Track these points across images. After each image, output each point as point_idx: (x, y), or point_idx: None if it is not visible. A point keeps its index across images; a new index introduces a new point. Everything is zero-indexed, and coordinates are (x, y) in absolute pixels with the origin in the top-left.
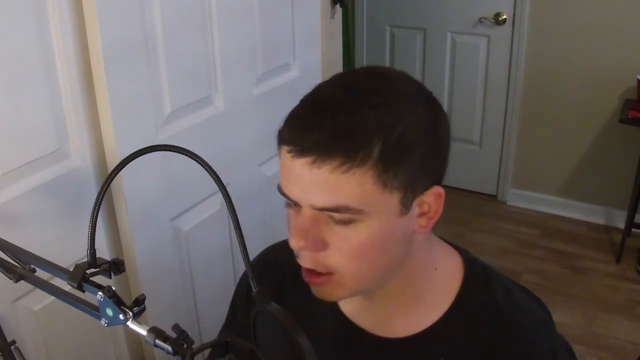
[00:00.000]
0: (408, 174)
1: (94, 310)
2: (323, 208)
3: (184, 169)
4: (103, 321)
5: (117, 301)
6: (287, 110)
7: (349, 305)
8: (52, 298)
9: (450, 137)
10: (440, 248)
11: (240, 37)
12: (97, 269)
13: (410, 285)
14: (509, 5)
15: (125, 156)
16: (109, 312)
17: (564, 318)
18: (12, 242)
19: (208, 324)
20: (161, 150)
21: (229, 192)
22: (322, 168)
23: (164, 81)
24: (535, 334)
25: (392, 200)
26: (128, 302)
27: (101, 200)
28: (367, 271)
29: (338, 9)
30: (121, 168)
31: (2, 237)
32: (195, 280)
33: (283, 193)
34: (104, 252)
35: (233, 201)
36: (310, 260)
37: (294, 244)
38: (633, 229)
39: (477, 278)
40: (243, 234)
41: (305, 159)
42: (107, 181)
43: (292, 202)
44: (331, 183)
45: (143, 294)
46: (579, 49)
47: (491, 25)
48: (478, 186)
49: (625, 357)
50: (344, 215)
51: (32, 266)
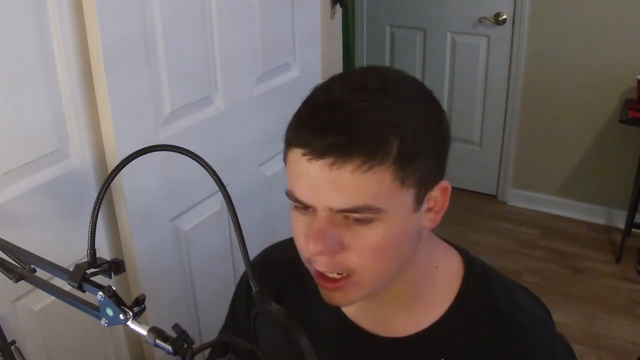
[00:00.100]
0: (422, 170)
1: (94, 310)
2: (343, 209)
3: (184, 169)
4: (103, 321)
5: (117, 301)
6: (287, 110)
7: None
8: (52, 298)
9: (450, 134)
10: (440, 248)
11: (240, 37)
12: (97, 269)
13: (412, 284)
14: (509, 5)
15: (125, 156)
16: (109, 312)
17: (564, 318)
18: (12, 242)
19: (208, 324)
20: (161, 150)
21: (229, 192)
22: (342, 169)
23: (164, 81)
24: (535, 334)
25: (408, 197)
26: (128, 302)
27: (101, 200)
28: (384, 270)
29: (338, 9)
30: (121, 168)
31: (2, 237)
32: (195, 280)
33: (295, 198)
34: (104, 252)
35: (233, 201)
36: (326, 263)
37: (312, 249)
38: (633, 229)
39: (477, 278)
40: (243, 234)
41: (324, 161)
42: (107, 181)
43: (305, 206)
44: (352, 183)
45: (143, 294)
46: (579, 49)
47: (491, 25)
48: (478, 186)
49: (625, 357)
50: (364, 215)
51: (32, 266)
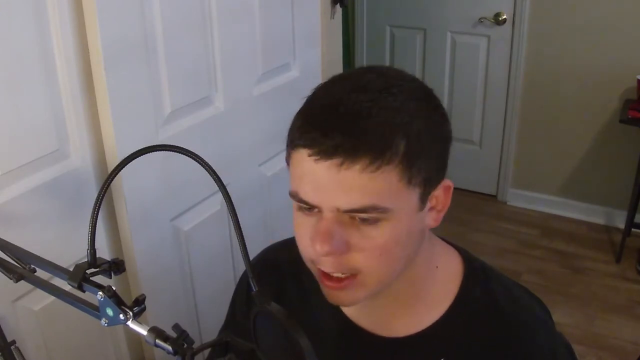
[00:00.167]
0: (427, 169)
1: (94, 310)
2: (351, 210)
3: (184, 169)
4: (103, 321)
5: (118, 301)
6: (288, 110)
7: None
8: (52, 298)
9: (451, 132)
10: (440, 248)
11: (240, 37)
12: (97, 269)
13: (412, 284)
14: (509, 5)
15: (125, 156)
16: (109, 312)
17: (564, 318)
18: (12, 242)
19: (208, 324)
20: (161, 150)
21: (229, 192)
22: (351, 169)
23: (164, 81)
24: (535, 334)
25: (413, 196)
26: (128, 302)
27: (101, 200)
28: (389, 269)
29: (338, 9)
30: (121, 168)
31: (2, 237)
32: (195, 280)
33: (300, 198)
34: (104, 252)
35: (233, 201)
36: (332, 264)
37: (319, 250)
38: (633, 229)
39: (477, 277)
40: (243, 234)
41: (332, 161)
42: (107, 181)
43: (311, 207)
44: (360, 183)
45: (143, 294)
46: (579, 49)
47: (491, 25)
48: (478, 186)
49: (625, 357)
50: (371, 215)
51: (32, 266)
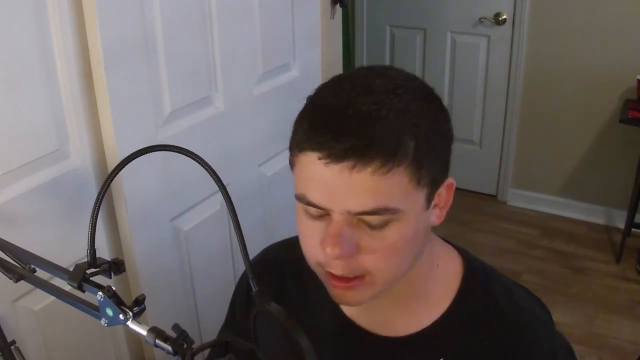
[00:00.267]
0: (434, 169)
1: (94, 310)
2: (362, 212)
3: (184, 169)
4: (103, 321)
5: (117, 301)
6: (287, 110)
7: None
8: (52, 298)
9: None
10: (440, 247)
11: (240, 37)
12: (97, 269)
13: (413, 284)
14: (509, 5)
15: (125, 156)
16: (109, 312)
17: (564, 318)
18: (12, 242)
19: (208, 324)
20: (161, 150)
21: (229, 192)
22: (363, 172)
23: (164, 81)
24: (535, 334)
25: (421, 196)
26: (128, 302)
27: (101, 200)
28: (397, 268)
29: (338, 9)
30: (121, 168)
31: (2, 237)
32: (195, 280)
33: (308, 202)
34: (104, 252)
35: (233, 201)
36: (343, 267)
37: (330, 253)
38: (633, 229)
39: (477, 277)
40: (243, 234)
41: (344, 165)
42: (107, 181)
43: (319, 210)
44: (372, 185)
45: (143, 294)
46: (579, 49)
47: (491, 25)
48: (478, 186)
49: (625, 357)
50: (382, 216)
51: (32, 266)
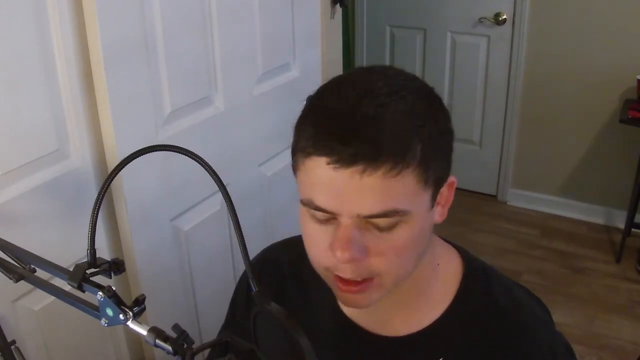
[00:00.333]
0: (439, 169)
1: (94, 310)
2: (372, 215)
3: (184, 169)
4: (103, 321)
5: (117, 301)
6: (288, 110)
7: None
8: (52, 298)
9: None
10: (440, 247)
11: (240, 37)
12: (97, 269)
13: (415, 283)
14: (509, 5)
15: (125, 156)
16: (109, 312)
17: (564, 318)
18: (12, 242)
19: (208, 324)
20: (161, 150)
21: (229, 192)
22: (373, 175)
23: (164, 81)
24: (535, 333)
25: (427, 196)
26: (128, 302)
27: (101, 200)
28: (405, 269)
29: (338, 9)
30: (121, 168)
31: (2, 237)
32: (195, 280)
33: (317, 207)
34: (104, 252)
35: (233, 201)
36: (352, 270)
37: (340, 257)
38: (633, 229)
39: (477, 277)
40: (243, 234)
41: (354, 169)
42: (107, 181)
43: (326, 214)
44: (382, 189)
45: (143, 294)
46: (579, 49)
47: (491, 25)
48: (478, 186)
49: (625, 357)
50: (391, 219)
51: (32, 266)
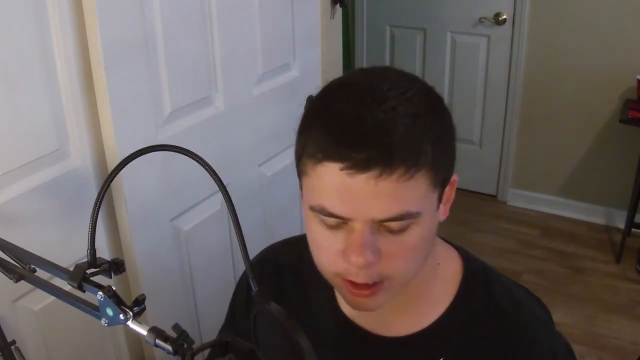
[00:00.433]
0: (446, 170)
1: (94, 310)
2: (386, 219)
3: (184, 169)
4: (103, 321)
5: (117, 301)
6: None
7: None
8: (52, 298)
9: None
10: (441, 247)
11: (240, 37)
12: (97, 269)
13: (417, 283)
14: (509, 5)
15: (125, 156)
16: (109, 312)
17: (564, 318)
18: (12, 242)
19: (208, 324)
20: (161, 150)
21: (229, 192)
22: (388, 179)
23: (164, 81)
24: (535, 333)
25: (435, 196)
26: (128, 302)
27: (101, 200)
28: (414, 270)
29: (338, 9)
30: (121, 168)
31: (2, 237)
32: (195, 280)
33: (329, 213)
34: (104, 252)
35: (233, 201)
36: (366, 274)
37: (355, 262)
38: (633, 229)
39: (477, 277)
40: (243, 234)
41: (369, 174)
42: (107, 181)
43: (337, 220)
44: (396, 192)
45: (143, 294)
46: (579, 49)
47: (491, 25)
48: (478, 186)
49: (625, 357)
50: (404, 221)
51: (32, 266)
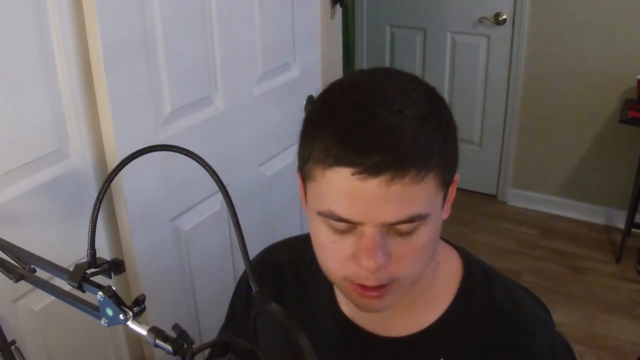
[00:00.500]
0: (451, 170)
1: (94, 310)
2: (397, 222)
3: (184, 169)
4: (103, 321)
5: (117, 301)
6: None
7: (349, 305)
8: (52, 298)
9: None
10: (441, 246)
11: (240, 37)
12: (97, 269)
13: (419, 283)
14: (509, 5)
15: (125, 156)
16: (109, 312)
17: (564, 318)
18: (12, 242)
19: (208, 324)
20: (161, 150)
21: (229, 192)
22: (400, 183)
23: (164, 81)
24: (535, 333)
25: (441, 196)
26: (128, 302)
27: (101, 200)
28: (422, 270)
29: (338, 9)
30: (121, 168)
31: (2, 237)
32: (195, 280)
33: (339, 218)
34: (104, 252)
35: (233, 201)
36: (376, 278)
37: (366, 265)
38: (633, 229)
39: (477, 277)
40: (243, 234)
41: (381, 178)
42: (107, 181)
43: (347, 224)
44: (407, 195)
45: (143, 294)
46: (579, 49)
47: (491, 25)
48: (478, 186)
49: (625, 357)
50: (415, 223)
51: (32, 266)
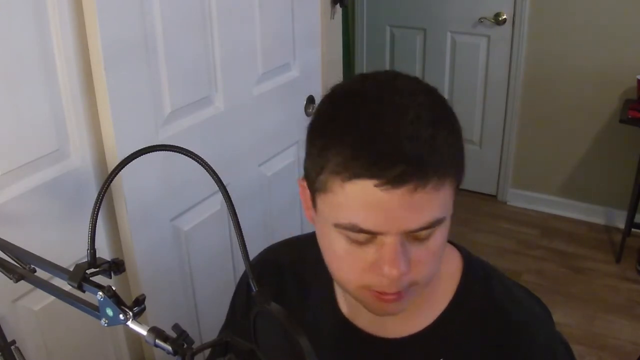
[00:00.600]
0: (463, 171)
1: (94, 310)
2: (419, 228)
3: (184, 169)
4: (103, 321)
5: (117, 301)
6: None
7: (349, 305)
8: (52, 298)
9: None
10: None
11: (240, 37)
12: (97, 269)
13: None
14: (509, 5)
15: (125, 156)
16: (109, 312)
17: (564, 318)
18: (12, 242)
19: (208, 324)
20: (161, 150)
21: (229, 192)
22: (423, 191)
23: (164, 81)
24: (534, 333)
25: (453, 198)
26: (128, 302)
27: (101, 200)
28: (436, 270)
29: (338, 9)
30: (121, 168)
31: (2, 237)
32: (195, 280)
33: (361, 229)
34: (104, 252)
35: (233, 201)
36: (397, 284)
37: (389, 274)
38: (633, 229)
39: (476, 276)
40: (243, 234)
41: (405, 188)
42: (107, 181)
43: (366, 235)
44: (429, 202)
45: (143, 294)
46: (579, 49)
47: (491, 25)
48: (478, 186)
49: (625, 357)
50: (434, 228)
51: (32, 266)
